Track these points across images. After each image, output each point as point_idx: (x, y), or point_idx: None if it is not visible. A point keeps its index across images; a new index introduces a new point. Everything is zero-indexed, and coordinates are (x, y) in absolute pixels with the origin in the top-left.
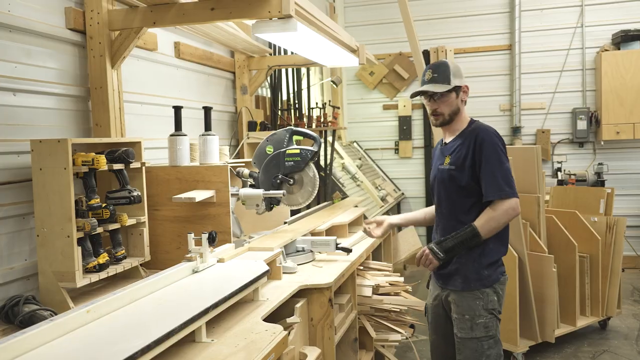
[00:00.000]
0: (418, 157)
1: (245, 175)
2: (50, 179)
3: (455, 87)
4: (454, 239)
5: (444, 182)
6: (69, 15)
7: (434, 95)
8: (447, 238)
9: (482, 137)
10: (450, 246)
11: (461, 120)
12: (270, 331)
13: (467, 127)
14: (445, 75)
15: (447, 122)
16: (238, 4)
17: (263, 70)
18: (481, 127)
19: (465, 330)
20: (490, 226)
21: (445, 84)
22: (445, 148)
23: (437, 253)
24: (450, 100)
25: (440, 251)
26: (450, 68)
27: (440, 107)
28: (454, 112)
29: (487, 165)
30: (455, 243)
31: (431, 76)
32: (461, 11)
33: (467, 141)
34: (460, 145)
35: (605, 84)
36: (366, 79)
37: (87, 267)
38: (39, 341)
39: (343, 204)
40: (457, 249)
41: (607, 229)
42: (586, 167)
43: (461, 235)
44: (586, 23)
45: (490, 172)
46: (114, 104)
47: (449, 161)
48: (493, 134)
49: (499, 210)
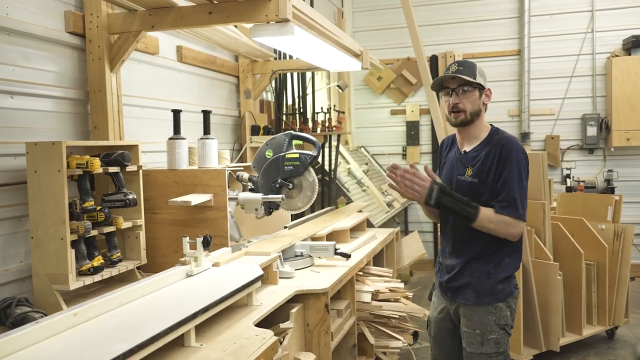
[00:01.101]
0: (426, 163)
1: (245, 180)
2: (44, 181)
3: (480, 85)
4: (453, 202)
5: (463, 194)
6: (68, 19)
7: (457, 89)
8: (450, 195)
9: (509, 150)
10: (444, 205)
11: (481, 126)
12: (260, 336)
13: (490, 136)
14: (471, 71)
15: (467, 122)
16: (235, 8)
17: (267, 75)
18: (507, 138)
19: (475, 345)
20: (487, 227)
21: (472, 77)
22: (466, 158)
23: (430, 197)
24: (473, 97)
25: (435, 200)
26: (477, 67)
27: (462, 102)
28: (475, 113)
29: (508, 179)
30: (451, 207)
31: (457, 69)
32: (470, 16)
33: (492, 152)
34: (484, 157)
35: (616, 90)
36: (374, 84)
37: (81, 269)
38: (23, 343)
39: (347, 209)
40: (447, 212)
41: (614, 236)
42: (596, 173)
43: (461, 207)
44: (596, 28)
45: (510, 188)
46: (112, 107)
47: (471, 173)
48: (520, 149)
49: (505, 224)
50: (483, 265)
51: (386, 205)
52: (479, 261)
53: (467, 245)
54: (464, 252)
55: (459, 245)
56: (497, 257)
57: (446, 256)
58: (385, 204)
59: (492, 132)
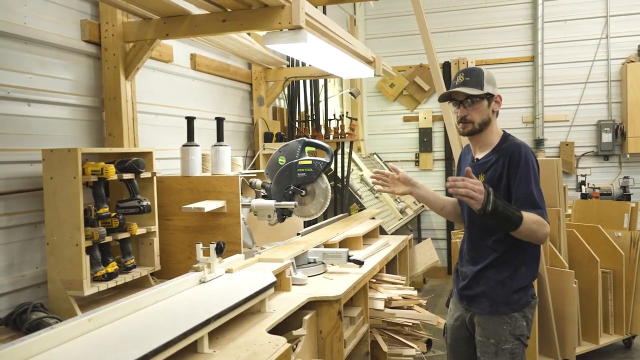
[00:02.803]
0: (439, 169)
1: (258, 186)
2: (60, 188)
3: (487, 94)
4: (504, 206)
5: None
6: (84, 28)
7: (464, 101)
8: (501, 200)
9: (518, 155)
10: (499, 211)
11: (492, 133)
12: (273, 343)
13: (501, 143)
14: (478, 80)
15: (476, 132)
16: (249, 16)
17: (280, 82)
18: (516, 143)
19: (489, 355)
20: (531, 228)
21: (478, 89)
22: (478, 166)
23: (488, 202)
24: (481, 107)
25: (492, 205)
26: (485, 74)
27: (470, 114)
28: (484, 122)
29: (524, 185)
30: (503, 211)
31: (463, 80)
32: (483, 23)
33: (502, 159)
34: (494, 164)
35: (631, 96)
36: (386, 90)
37: (95, 275)
38: (38, 349)
39: (360, 216)
40: (498, 218)
41: (631, 244)
42: (611, 180)
43: (511, 211)
44: (611, 34)
45: (529, 193)
46: (127, 114)
47: (484, 180)
48: (530, 153)
49: (542, 225)
50: (498, 274)
51: (399, 212)
52: (494, 270)
53: (483, 252)
54: (479, 259)
55: (475, 252)
56: (513, 265)
57: (463, 263)
58: (398, 211)
59: (502, 139)
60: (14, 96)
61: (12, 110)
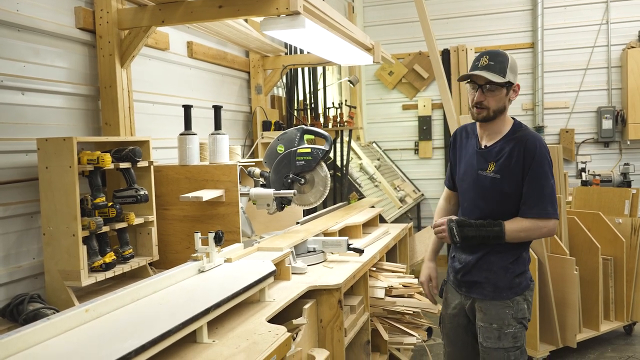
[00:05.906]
0: (438, 158)
1: (257, 175)
2: (55, 178)
3: (508, 83)
4: (477, 230)
5: (484, 190)
6: (78, 15)
7: (484, 86)
8: (471, 225)
9: (534, 147)
10: (470, 236)
11: (503, 121)
12: (273, 332)
13: (513, 132)
14: (502, 67)
15: (490, 119)
16: (245, 2)
17: (278, 70)
18: (531, 135)
19: (492, 340)
20: (519, 237)
21: (501, 75)
22: (487, 153)
23: (454, 236)
24: (500, 95)
25: (458, 236)
26: (509, 61)
27: (487, 100)
28: (499, 110)
29: (535, 179)
30: (476, 235)
31: (487, 63)
32: (482, 9)
33: (517, 149)
34: (508, 153)
35: (632, 82)
36: (385, 78)
37: (92, 266)
38: (35, 340)
39: (359, 205)
40: (475, 240)
41: (632, 230)
42: (612, 167)
43: (486, 231)
44: (611, 20)
45: (538, 187)
46: (123, 103)
47: (494, 169)
48: (545, 147)
49: (535, 226)
50: (501, 260)
51: (398, 200)
52: (496, 255)
53: None
54: (481, 245)
55: None
56: (515, 252)
57: (460, 250)
58: (397, 199)
59: (514, 127)
60: (7, 85)
61: (6, 99)
